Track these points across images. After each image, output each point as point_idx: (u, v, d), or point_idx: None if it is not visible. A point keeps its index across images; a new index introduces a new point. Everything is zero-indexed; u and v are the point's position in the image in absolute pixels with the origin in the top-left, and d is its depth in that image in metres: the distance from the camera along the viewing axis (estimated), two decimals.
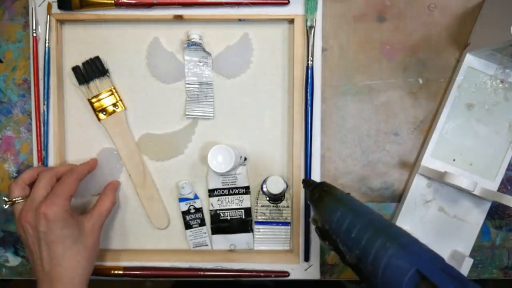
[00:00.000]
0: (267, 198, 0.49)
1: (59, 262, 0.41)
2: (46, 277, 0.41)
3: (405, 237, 0.29)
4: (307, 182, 0.41)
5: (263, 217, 0.50)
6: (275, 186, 0.47)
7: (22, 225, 0.41)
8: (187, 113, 0.49)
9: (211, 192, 0.50)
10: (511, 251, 0.51)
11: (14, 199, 0.43)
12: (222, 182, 0.50)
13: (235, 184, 0.50)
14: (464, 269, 0.45)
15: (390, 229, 0.30)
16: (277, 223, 0.50)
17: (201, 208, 0.50)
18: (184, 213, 0.50)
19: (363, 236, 0.31)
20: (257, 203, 0.50)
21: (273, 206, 0.50)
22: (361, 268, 0.31)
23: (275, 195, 0.47)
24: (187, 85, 0.49)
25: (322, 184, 0.38)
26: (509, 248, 0.51)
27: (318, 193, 0.37)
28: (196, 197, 0.50)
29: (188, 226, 0.50)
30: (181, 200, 0.50)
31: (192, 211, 0.50)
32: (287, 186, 0.49)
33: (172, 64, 0.49)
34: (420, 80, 0.50)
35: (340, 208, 0.34)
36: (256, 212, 0.50)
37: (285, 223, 0.50)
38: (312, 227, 0.49)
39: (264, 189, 0.48)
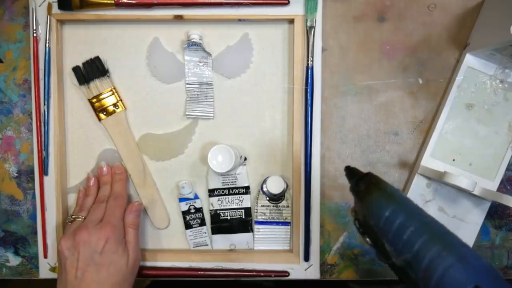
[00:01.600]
0: (267, 198, 0.49)
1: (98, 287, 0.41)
2: None
3: (464, 247, 0.28)
4: (352, 170, 0.37)
5: (263, 217, 0.50)
6: (275, 186, 0.47)
7: (76, 242, 0.41)
8: (187, 113, 0.49)
9: (211, 192, 0.50)
10: (511, 251, 0.51)
11: (77, 216, 0.45)
12: (222, 182, 0.50)
13: (235, 184, 0.50)
14: None
15: (448, 236, 0.29)
16: (277, 223, 0.50)
17: (201, 208, 0.50)
18: (184, 213, 0.50)
19: (416, 240, 0.29)
20: (257, 203, 0.50)
21: (273, 206, 0.50)
22: (408, 272, 0.29)
23: (275, 195, 0.47)
24: (187, 85, 0.49)
25: (369, 175, 0.35)
26: (509, 248, 0.51)
27: (364, 185, 0.34)
28: (196, 197, 0.50)
29: (188, 226, 0.50)
30: (181, 200, 0.50)
31: (192, 211, 0.50)
32: (287, 186, 0.49)
33: (172, 64, 0.49)
34: (420, 80, 0.50)
35: (391, 205, 0.31)
36: (256, 212, 0.50)
37: (285, 223, 0.50)
38: (312, 227, 0.49)
39: (264, 189, 0.48)
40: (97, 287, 0.41)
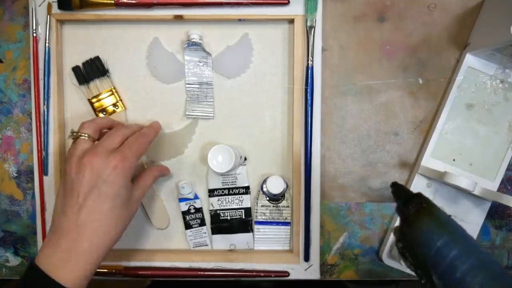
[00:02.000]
0: (267, 198, 0.49)
1: (100, 218, 0.37)
2: (75, 229, 0.37)
3: None
4: (399, 188, 0.35)
5: (263, 217, 0.50)
6: (275, 186, 0.47)
7: (83, 164, 0.38)
8: (187, 113, 0.49)
9: (211, 192, 0.50)
10: (511, 251, 0.51)
11: (81, 134, 0.40)
12: (222, 182, 0.50)
13: (235, 184, 0.50)
14: None
15: (505, 279, 0.27)
16: (277, 223, 0.50)
17: (201, 208, 0.50)
18: (184, 213, 0.50)
19: (471, 280, 0.26)
20: (257, 203, 0.50)
21: (273, 206, 0.50)
22: None
23: (275, 195, 0.47)
24: (187, 85, 0.49)
25: (420, 197, 0.32)
26: (509, 248, 0.51)
27: (415, 208, 0.32)
28: (196, 197, 0.50)
29: (188, 226, 0.50)
30: (181, 200, 0.50)
31: (192, 211, 0.50)
32: (287, 186, 0.49)
33: (172, 64, 0.49)
34: (420, 80, 0.50)
35: (444, 235, 0.29)
36: (256, 212, 0.50)
37: (285, 223, 0.50)
38: (316, 231, 0.49)
39: (264, 189, 0.48)
40: (99, 217, 0.37)
